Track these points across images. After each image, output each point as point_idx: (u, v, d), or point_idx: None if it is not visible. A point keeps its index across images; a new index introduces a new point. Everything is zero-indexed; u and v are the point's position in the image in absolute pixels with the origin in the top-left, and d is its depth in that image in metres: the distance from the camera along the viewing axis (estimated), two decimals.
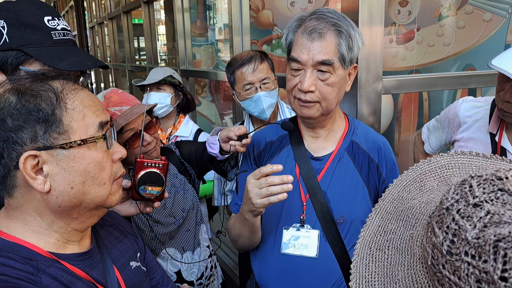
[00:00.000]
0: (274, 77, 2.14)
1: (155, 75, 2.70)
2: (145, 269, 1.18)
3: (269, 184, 1.22)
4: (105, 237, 1.11)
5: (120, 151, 0.99)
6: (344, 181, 1.41)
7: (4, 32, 1.12)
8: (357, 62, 1.50)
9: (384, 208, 0.71)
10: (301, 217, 1.40)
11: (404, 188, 0.71)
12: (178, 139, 2.58)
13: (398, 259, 0.62)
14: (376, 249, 0.66)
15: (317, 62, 1.29)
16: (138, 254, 1.18)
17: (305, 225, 1.40)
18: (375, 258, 0.65)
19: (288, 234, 1.41)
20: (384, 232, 0.68)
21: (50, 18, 1.18)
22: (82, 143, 0.88)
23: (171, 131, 2.72)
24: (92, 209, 0.96)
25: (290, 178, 1.22)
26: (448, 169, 0.70)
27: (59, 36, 1.19)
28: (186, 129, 2.72)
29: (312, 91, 1.32)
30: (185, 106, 2.80)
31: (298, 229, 1.40)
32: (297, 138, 1.49)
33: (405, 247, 0.63)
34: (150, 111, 1.77)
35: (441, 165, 0.71)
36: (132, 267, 1.11)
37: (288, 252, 1.40)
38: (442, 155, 0.73)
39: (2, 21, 1.13)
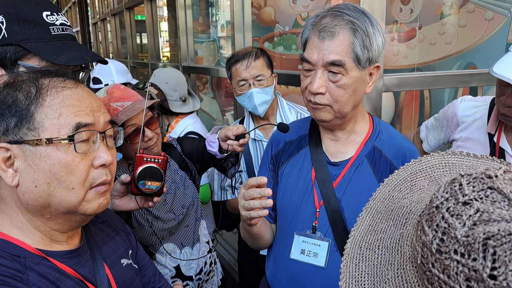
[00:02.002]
0: (270, 74, 2.14)
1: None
2: (136, 267, 1.16)
3: (250, 197, 1.16)
4: (96, 234, 1.08)
5: (102, 157, 0.91)
6: (361, 189, 1.31)
7: (3, 27, 1.12)
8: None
9: (375, 207, 0.71)
10: (313, 224, 1.33)
11: (395, 187, 0.71)
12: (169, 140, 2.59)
13: (388, 258, 0.62)
14: (367, 248, 0.65)
15: (327, 63, 1.21)
16: (130, 251, 1.15)
17: (316, 232, 1.33)
18: (365, 257, 0.64)
19: (299, 240, 1.35)
20: (375, 231, 0.67)
21: (49, 13, 1.18)
22: (48, 142, 0.84)
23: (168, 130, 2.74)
24: (65, 214, 0.91)
25: (268, 192, 1.14)
26: (439, 168, 0.69)
27: (57, 31, 1.18)
28: (179, 129, 2.73)
29: (321, 93, 1.24)
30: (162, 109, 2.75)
31: (309, 236, 1.34)
32: (316, 140, 1.41)
33: (395, 247, 0.63)
34: (152, 107, 1.78)
35: (431, 165, 0.70)
36: (123, 265, 1.09)
37: (297, 258, 1.34)
38: (433, 155, 0.72)
39: (1, 16, 1.12)
